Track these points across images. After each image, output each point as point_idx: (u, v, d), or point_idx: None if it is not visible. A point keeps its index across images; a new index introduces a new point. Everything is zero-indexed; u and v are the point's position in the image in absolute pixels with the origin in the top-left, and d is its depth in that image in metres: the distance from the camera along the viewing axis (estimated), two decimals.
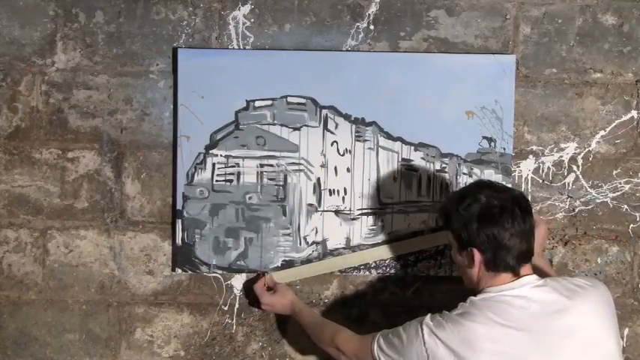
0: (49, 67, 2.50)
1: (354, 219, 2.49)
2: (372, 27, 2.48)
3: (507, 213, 1.95)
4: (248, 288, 2.51)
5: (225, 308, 2.54)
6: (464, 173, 2.48)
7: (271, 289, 2.44)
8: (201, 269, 2.50)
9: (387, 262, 2.50)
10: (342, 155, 2.49)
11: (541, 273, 2.08)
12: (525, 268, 1.99)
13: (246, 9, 2.48)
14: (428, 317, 1.97)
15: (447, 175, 2.48)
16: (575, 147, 2.51)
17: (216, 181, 2.49)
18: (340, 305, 2.53)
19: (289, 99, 2.47)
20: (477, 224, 1.96)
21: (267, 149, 2.48)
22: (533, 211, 2.05)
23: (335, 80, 2.46)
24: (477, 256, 1.97)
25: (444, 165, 2.48)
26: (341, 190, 2.49)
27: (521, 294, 1.95)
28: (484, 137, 2.47)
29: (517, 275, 1.98)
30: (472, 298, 1.98)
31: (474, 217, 1.96)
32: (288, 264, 2.50)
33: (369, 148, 2.48)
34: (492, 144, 2.47)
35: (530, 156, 2.51)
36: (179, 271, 2.51)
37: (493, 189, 2.01)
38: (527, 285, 1.97)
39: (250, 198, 2.49)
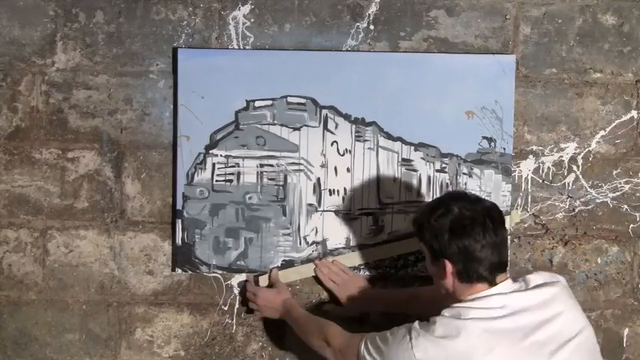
0: (49, 67, 2.50)
1: (354, 219, 2.49)
2: (372, 27, 2.48)
3: (479, 225, 1.93)
4: (244, 287, 2.51)
5: (225, 308, 2.54)
6: (464, 173, 2.48)
7: (270, 286, 2.45)
8: (201, 269, 2.50)
9: (387, 262, 2.50)
10: (342, 155, 2.49)
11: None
12: (501, 277, 1.97)
13: (246, 9, 2.48)
14: (416, 323, 1.94)
15: (447, 175, 2.48)
16: (575, 147, 2.51)
17: (216, 181, 2.49)
18: (340, 305, 2.52)
19: (289, 99, 2.47)
20: (448, 235, 1.94)
21: (267, 149, 2.48)
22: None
23: (335, 80, 2.46)
24: (449, 267, 1.96)
25: (444, 165, 2.48)
26: (341, 190, 2.49)
27: (500, 291, 1.94)
28: (484, 137, 2.47)
29: (492, 284, 1.96)
30: (444, 311, 1.95)
31: (445, 229, 1.94)
32: (288, 264, 2.50)
33: (369, 148, 2.48)
34: (492, 144, 2.47)
35: (530, 156, 2.51)
36: (179, 271, 2.51)
37: (466, 200, 2.00)
38: (502, 293, 1.95)
39: (250, 198, 2.49)
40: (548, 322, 1.92)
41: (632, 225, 2.52)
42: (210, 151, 2.48)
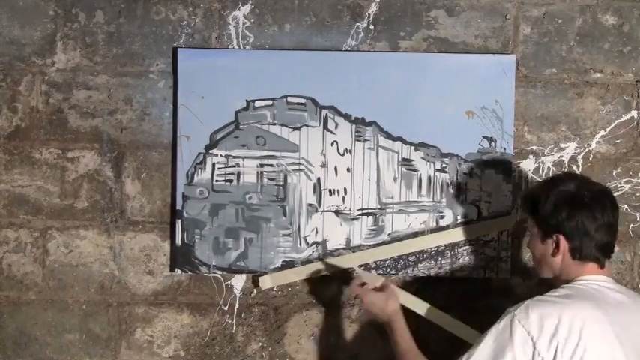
0: (49, 67, 2.50)
1: (354, 219, 2.49)
2: (372, 27, 2.48)
3: (598, 203, 1.95)
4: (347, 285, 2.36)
5: (225, 308, 2.54)
6: (464, 173, 2.48)
7: (378, 289, 2.28)
8: (200, 270, 2.50)
9: (387, 262, 2.50)
10: (342, 155, 2.48)
11: None
12: (608, 264, 1.99)
13: (246, 9, 2.48)
14: (510, 311, 1.90)
15: (447, 175, 2.48)
16: (575, 147, 2.51)
17: (216, 181, 2.48)
18: (340, 305, 2.52)
19: (289, 99, 2.47)
20: (568, 211, 1.95)
21: (267, 149, 2.48)
22: None
23: (335, 80, 2.46)
24: (563, 242, 1.96)
25: (444, 165, 2.48)
26: (341, 190, 2.49)
27: (611, 287, 1.95)
28: (484, 137, 2.47)
29: (602, 267, 1.97)
30: (565, 285, 1.95)
31: (566, 203, 1.95)
32: (288, 264, 2.49)
33: (369, 148, 2.48)
34: (492, 144, 2.47)
35: (530, 156, 2.51)
36: (178, 271, 2.51)
37: (582, 181, 2.02)
38: (612, 281, 1.98)
39: (250, 198, 2.49)
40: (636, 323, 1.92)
41: (632, 225, 2.52)
42: (210, 151, 2.48)
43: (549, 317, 1.84)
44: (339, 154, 2.48)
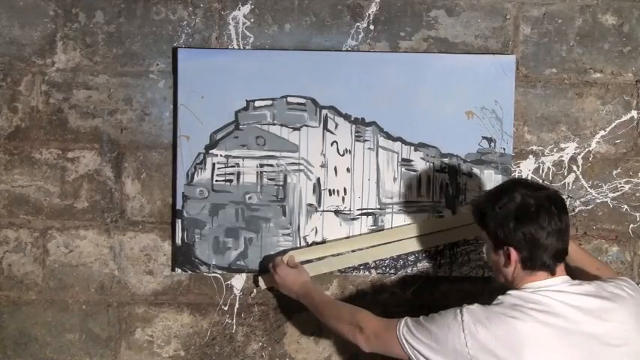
0: (49, 67, 2.50)
1: (354, 219, 2.49)
2: (372, 27, 2.48)
3: (544, 211, 1.94)
4: (264, 265, 2.47)
5: (225, 308, 2.54)
6: (464, 173, 2.48)
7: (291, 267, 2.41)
8: (200, 269, 2.50)
9: (387, 262, 2.50)
10: (342, 155, 2.48)
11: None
12: (560, 268, 1.98)
13: (246, 9, 2.48)
14: (466, 305, 1.95)
15: (447, 176, 2.48)
16: (575, 147, 2.51)
17: (216, 181, 2.49)
18: None
19: (289, 99, 2.47)
20: (514, 223, 1.94)
21: (267, 149, 2.48)
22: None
23: (335, 80, 2.46)
24: (514, 254, 1.96)
25: (444, 165, 2.48)
26: (341, 190, 2.49)
27: (561, 289, 1.94)
28: (484, 137, 2.47)
29: (553, 274, 1.97)
30: (511, 292, 1.97)
31: (511, 216, 1.95)
32: None
33: (369, 148, 2.48)
34: (492, 144, 2.47)
35: (530, 156, 2.51)
36: (179, 271, 2.51)
37: (529, 187, 2.00)
38: (565, 283, 1.97)
39: (250, 198, 2.49)
40: (599, 321, 1.91)
41: (632, 225, 2.52)
42: (210, 151, 2.48)
43: (489, 334, 1.88)
44: (339, 154, 2.48)
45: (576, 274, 2.16)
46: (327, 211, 2.49)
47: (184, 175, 2.48)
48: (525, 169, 2.50)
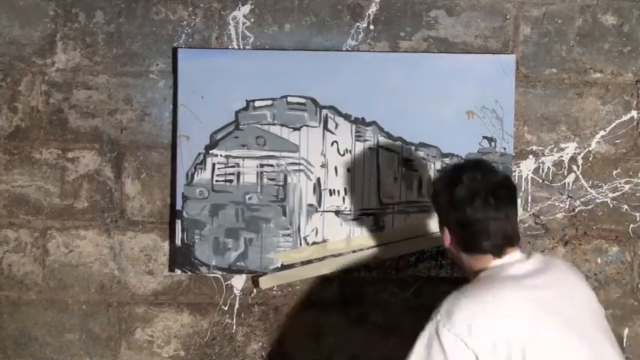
0: (49, 67, 2.50)
1: (354, 219, 2.49)
2: (372, 27, 2.48)
3: (480, 198, 1.91)
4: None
5: (225, 308, 2.54)
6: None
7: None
8: (200, 270, 2.50)
9: (387, 262, 2.50)
10: (342, 155, 2.48)
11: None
12: (509, 249, 1.94)
13: (246, 9, 2.48)
14: (433, 319, 1.90)
15: None
16: (575, 147, 2.51)
17: (216, 181, 2.48)
18: (340, 305, 2.52)
19: (289, 99, 2.47)
20: (447, 206, 1.94)
21: (267, 149, 2.48)
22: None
23: (335, 80, 2.46)
24: (447, 235, 1.97)
25: (444, 165, 2.48)
26: (341, 190, 2.49)
27: (507, 272, 1.91)
28: (484, 137, 2.47)
29: (499, 256, 1.93)
30: (477, 277, 1.95)
31: (447, 198, 1.94)
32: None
33: (370, 148, 2.48)
34: (493, 144, 2.47)
35: (531, 156, 2.51)
36: (178, 272, 2.51)
37: (478, 170, 1.97)
38: (510, 263, 1.93)
39: (250, 198, 2.49)
40: (553, 282, 1.91)
41: (632, 225, 2.52)
42: (210, 151, 2.48)
43: (474, 317, 1.83)
44: (339, 154, 2.48)
45: None
46: (327, 211, 2.49)
47: (184, 175, 2.48)
48: (525, 169, 2.50)
